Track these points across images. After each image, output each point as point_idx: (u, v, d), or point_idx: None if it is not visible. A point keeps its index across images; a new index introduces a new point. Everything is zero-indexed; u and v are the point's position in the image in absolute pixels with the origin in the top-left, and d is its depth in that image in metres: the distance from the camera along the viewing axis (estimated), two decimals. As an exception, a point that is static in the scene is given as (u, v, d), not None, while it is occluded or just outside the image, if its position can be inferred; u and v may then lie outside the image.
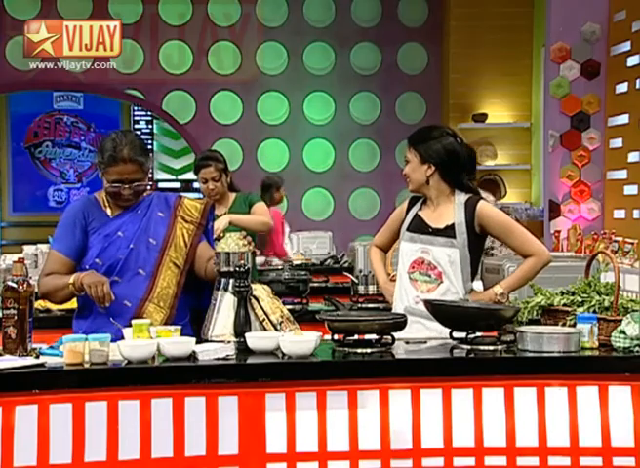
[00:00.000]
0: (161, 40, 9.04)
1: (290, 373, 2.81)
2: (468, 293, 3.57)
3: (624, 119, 7.39)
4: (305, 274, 4.63)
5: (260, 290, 3.21)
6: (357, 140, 9.30)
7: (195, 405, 2.71)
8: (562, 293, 3.28)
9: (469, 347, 2.99)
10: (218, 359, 2.80)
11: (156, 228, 3.43)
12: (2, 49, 8.80)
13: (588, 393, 2.84)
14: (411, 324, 3.34)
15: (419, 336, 3.35)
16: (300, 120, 9.25)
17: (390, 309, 3.75)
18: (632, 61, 7.25)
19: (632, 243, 4.59)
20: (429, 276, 3.55)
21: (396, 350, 2.98)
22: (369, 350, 2.92)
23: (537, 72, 8.56)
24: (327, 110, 9.27)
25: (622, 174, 7.42)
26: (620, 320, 2.96)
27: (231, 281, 3.14)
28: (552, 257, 3.74)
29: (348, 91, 9.25)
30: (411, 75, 9.26)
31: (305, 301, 4.56)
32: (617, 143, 7.53)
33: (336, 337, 3.02)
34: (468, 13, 8.67)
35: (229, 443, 2.71)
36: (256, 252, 4.53)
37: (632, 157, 7.24)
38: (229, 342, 2.93)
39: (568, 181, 7.71)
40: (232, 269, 3.14)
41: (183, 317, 3.41)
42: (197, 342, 2.92)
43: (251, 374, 2.79)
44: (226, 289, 3.16)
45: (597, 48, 7.68)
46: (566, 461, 2.82)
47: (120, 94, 9.22)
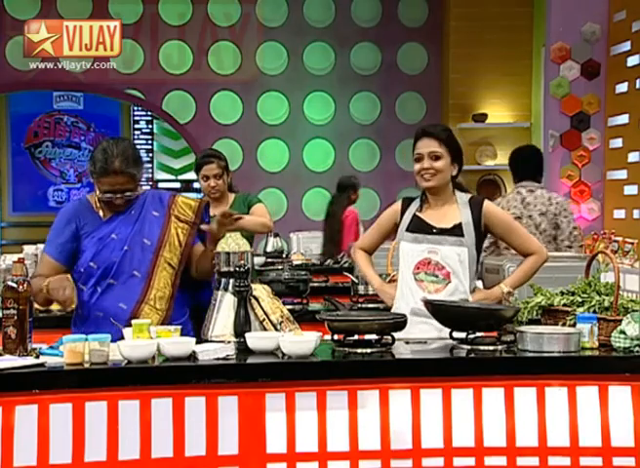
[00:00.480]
0: (161, 40, 9.05)
1: (290, 373, 2.81)
2: (472, 292, 3.58)
3: (624, 119, 7.39)
4: (305, 274, 4.62)
5: (260, 290, 3.21)
6: (357, 140, 9.30)
7: (195, 405, 2.70)
8: (562, 293, 3.28)
9: (469, 347, 2.99)
10: (218, 359, 2.80)
11: (151, 228, 3.41)
12: (2, 49, 8.80)
13: (588, 393, 2.84)
14: (417, 324, 3.35)
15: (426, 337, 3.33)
16: (300, 120, 9.25)
17: (390, 309, 3.73)
18: (632, 61, 7.25)
19: (632, 243, 4.58)
20: (436, 276, 3.53)
21: (396, 350, 2.98)
22: (369, 350, 2.92)
23: (537, 72, 8.56)
24: (327, 110, 9.27)
25: (622, 174, 7.41)
26: (620, 320, 2.96)
27: (231, 281, 3.14)
28: (552, 257, 3.75)
29: (348, 91, 9.25)
30: (411, 75, 9.26)
31: (305, 301, 4.56)
32: (617, 143, 7.52)
33: (336, 337, 3.02)
34: (468, 13, 8.67)
35: (229, 443, 2.71)
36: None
37: (632, 157, 7.24)
38: (229, 342, 2.93)
39: (568, 181, 7.71)
40: (232, 269, 3.14)
41: (181, 316, 3.40)
42: (197, 342, 2.92)
43: (251, 374, 2.79)
44: (226, 289, 3.16)
45: (597, 48, 7.67)
46: (566, 461, 2.82)
47: (120, 94, 9.22)
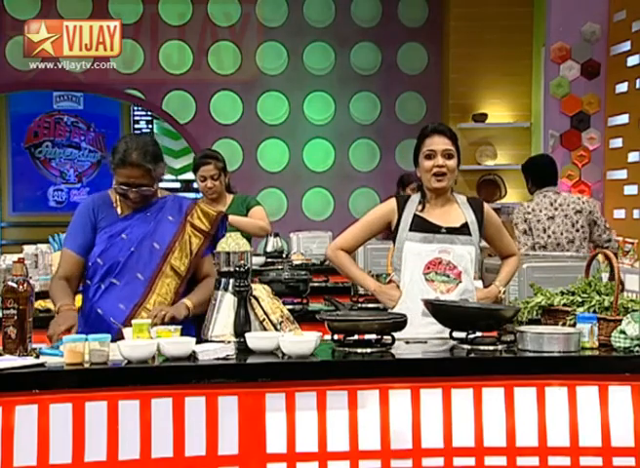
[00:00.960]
0: (161, 40, 9.03)
1: (290, 373, 2.81)
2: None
3: (624, 119, 7.39)
4: (305, 274, 4.62)
5: (260, 289, 3.21)
6: (357, 140, 9.29)
7: (195, 405, 2.70)
8: (562, 293, 3.28)
9: (469, 347, 2.99)
10: (218, 359, 2.80)
11: (163, 233, 3.40)
12: (2, 49, 8.79)
13: (588, 393, 2.84)
14: (428, 325, 3.33)
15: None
16: (300, 120, 9.24)
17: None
18: (632, 61, 7.25)
19: (632, 243, 4.58)
20: (447, 276, 3.51)
21: (396, 350, 2.98)
22: (369, 350, 2.92)
23: (537, 72, 8.55)
24: (327, 110, 9.26)
25: (622, 173, 7.41)
26: (620, 320, 2.97)
27: (231, 281, 3.14)
28: (552, 257, 3.75)
29: (348, 91, 9.24)
30: (411, 75, 9.26)
31: (305, 301, 4.56)
32: (617, 143, 7.52)
33: (336, 337, 3.02)
34: (468, 13, 8.66)
35: (229, 443, 2.71)
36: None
37: (632, 157, 7.24)
38: (229, 342, 2.93)
39: (568, 181, 7.71)
40: (232, 269, 3.14)
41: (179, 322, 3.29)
42: (197, 342, 2.92)
43: (251, 374, 2.79)
44: (226, 289, 3.16)
45: (597, 48, 7.67)
46: (566, 461, 2.82)
47: (120, 94, 9.21)
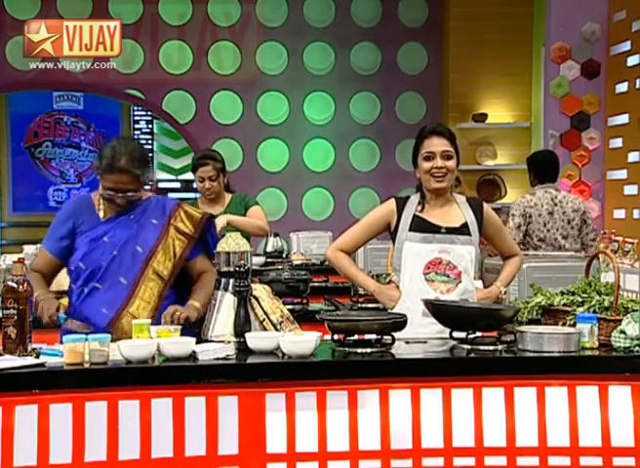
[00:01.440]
0: (161, 40, 9.03)
1: (290, 373, 2.81)
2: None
3: (624, 119, 7.38)
4: (305, 274, 4.62)
5: (260, 289, 3.21)
6: (357, 140, 9.29)
7: (195, 405, 2.70)
8: (562, 293, 3.28)
9: (469, 347, 2.99)
10: (218, 359, 2.80)
11: (146, 236, 3.37)
12: (2, 49, 8.79)
13: (588, 393, 2.84)
14: (429, 326, 3.33)
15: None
16: (300, 120, 9.24)
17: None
18: (632, 61, 7.24)
19: (632, 243, 4.58)
20: (447, 276, 3.50)
21: (396, 350, 2.98)
22: (369, 350, 2.92)
23: (537, 72, 8.55)
24: (327, 110, 9.26)
25: (622, 173, 7.41)
26: (620, 320, 2.96)
27: (231, 281, 3.14)
28: (552, 257, 3.75)
29: (348, 91, 9.24)
30: (411, 75, 9.25)
31: (305, 301, 4.56)
32: (617, 143, 7.52)
33: (336, 337, 3.02)
34: (468, 13, 8.66)
35: (229, 443, 2.71)
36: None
37: (632, 157, 7.23)
38: (229, 342, 2.93)
39: (568, 181, 7.71)
40: (232, 269, 3.14)
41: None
42: (197, 342, 2.92)
43: (251, 374, 2.79)
44: (226, 288, 3.16)
45: (597, 48, 7.67)
46: (566, 461, 2.82)
47: (120, 94, 9.21)
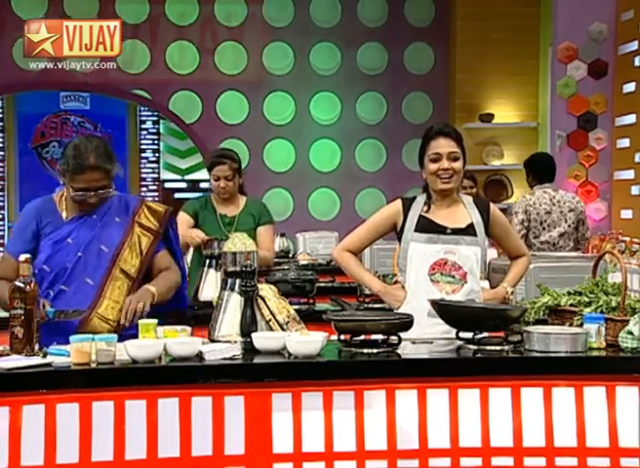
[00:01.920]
0: (167, 40, 9.04)
1: (296, 373, 2.80)
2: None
3: (632, 119, 7.37)
4: (312, 274, 4.62)
5: (267, 289, 3.21)
6: (363, 140, 9.29)
7: (202, 404, 2.70)
8: (569, 294, 3.28)
9: (476, 347, 2.98)
10: (224, 359, 2.80)
11: (110, 234, 3.34)
12: (9, 49, 8.81)
13: (596, 393, 2.83)
14: (434, 326, 3.32)
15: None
16: (307, 120, 9.24)
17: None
18: (640, 61, 7.24)
19: (639, 243, 4.58)
20: (453, 277, 3.49)
21: (402, 350, 2.98)
22: (375, 350, 2.92)
23: (543, 72, 8.54)
24: (333, 110, 9.26)
25: (630, 174, 7.39)
26: (628, 320, 2.96)
27: (238, 281, 3.14)
28: (558, 258, 3.75)
29: (355, 91, 9.23)
30: (417, 75, 9.25)
31: (312, 301, 4.56)
32: (624, 143, 7.51)
33: (342, 337, 3.02)
34: (475, 12, 8.65)
35: (236, 443, 2.71)
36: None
37: (639, 157, 7.22)
38: (236, 342, 2.94)
39: (575, 182, 7.70)
40: (239, 269, 3.14)
41: (133, 326, 3.12)
42: (203, 342, 2.93)
43: (257, 374, 2.79)
44: (233, 288, 3.16)
45: (604, 47, 7.66)
46: (573, 462, 2.81)
47: (126, 94, 9.22)
